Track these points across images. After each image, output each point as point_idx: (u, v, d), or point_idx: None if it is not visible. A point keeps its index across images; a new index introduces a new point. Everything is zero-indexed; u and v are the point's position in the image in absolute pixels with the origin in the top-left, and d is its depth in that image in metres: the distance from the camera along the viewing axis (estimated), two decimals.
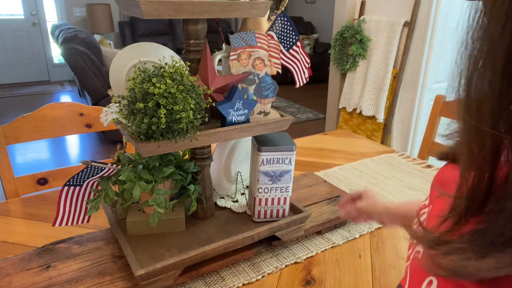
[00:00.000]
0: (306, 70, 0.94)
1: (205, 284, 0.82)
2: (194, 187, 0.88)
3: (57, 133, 1.32)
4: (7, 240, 0.96)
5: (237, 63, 0.82)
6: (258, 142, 0.86)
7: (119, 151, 0.87)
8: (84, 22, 5.55)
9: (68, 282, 0.80)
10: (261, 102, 0.85)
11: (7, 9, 5.32)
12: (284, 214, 0.93)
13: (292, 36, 0.89)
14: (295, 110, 4.81)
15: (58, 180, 1.33)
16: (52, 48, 5.71)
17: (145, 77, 0.70)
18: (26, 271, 0.83)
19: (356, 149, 1.57)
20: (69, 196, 0.81)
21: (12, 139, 1.23)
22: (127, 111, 0.71)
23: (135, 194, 0.78)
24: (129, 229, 0.87)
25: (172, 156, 0.88)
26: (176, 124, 0.69)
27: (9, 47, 5.44)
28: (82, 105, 1.36)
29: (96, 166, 0.79)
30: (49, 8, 5.57)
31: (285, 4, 0.86)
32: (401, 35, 2.60)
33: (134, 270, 0.74)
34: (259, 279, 0.84)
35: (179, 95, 0.68)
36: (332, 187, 1.18)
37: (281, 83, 1.10)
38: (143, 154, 0.71)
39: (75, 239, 0.93)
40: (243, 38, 0.82)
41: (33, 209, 1.10)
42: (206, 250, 0.81)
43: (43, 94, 5.25)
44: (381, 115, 2.73)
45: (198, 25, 0.79)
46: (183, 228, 0.90)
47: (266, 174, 0.87)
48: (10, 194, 1.23)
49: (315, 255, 0.92)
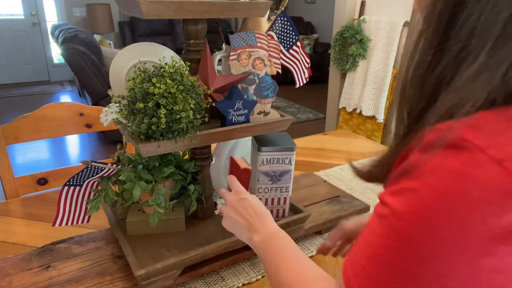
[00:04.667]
0: (306, 70, 0.94)
1: (205, 284, 0.82)
2: (194, 187, 0.88)
3: (57, 133, 1.32)
4: (7, 240, 0.96)
5: (237, 63, 0.82)
6: (258, 142, 0.86)
7: (119, 151, 0.87)
8: (84, 22, 5.55)
9: (68, 282, 0.79)
10: (261, 102, 0.85)
11: (7, 9, 5.32)
12: (284, 214, 0.93)
13: (292, 36, 0.89)
14: (295, 110, 4.81)
15: (58, 180, 1.33)
16: (52, 48, 5.70)
17: (145, 77, 0.70)
18: (26, 271, 0.83)
19: (356, 149, 1.57)
20: (69, 196, 0.81)
21: (12, 139, 1.23)
22: (127, 111, 0.71)
23: (135, 194, 0.78)
24: (129, 229, 0.87)
25: (172, 156, 0.88)
26: (176, 124, 0.69)
27: (9, 47, 5.44)
28: (82, 105, 1.36)
29: (96, 166, 0.79)
30: (49, 8, 5.57)
31: (285, 4, 0.86)
32: (401, 35, 2.60)
33: (134, 270, 0.74)
34: (259, 279, 0.84)
35: (179, 95, 0.68)
36: (332, 187, 1.17)
37: (281, 83, 1.10)
38: (143, 154, 0.71)
39: (75, 239, 0.93)
40: (243, 38, 0.82)
41: (33, 209, 1.10)
42: (206, 250, 0.80)
43: (43, 94, 5.25)
44: (381, 115, 2.73)
45: (198, 25, 0.79)
46: (183, 228, 0.90)
47: (266, 174, 0.87)
48: (10, 194, 1.23)
49: (315, 255, 0.92)
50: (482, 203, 0.29)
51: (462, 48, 0.34)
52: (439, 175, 0.32)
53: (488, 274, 0.30)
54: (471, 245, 0.30)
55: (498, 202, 0.29)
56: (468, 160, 0.31)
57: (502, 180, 0.29)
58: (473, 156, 0.30)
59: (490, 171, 0.30)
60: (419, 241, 0.32)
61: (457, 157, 0.31)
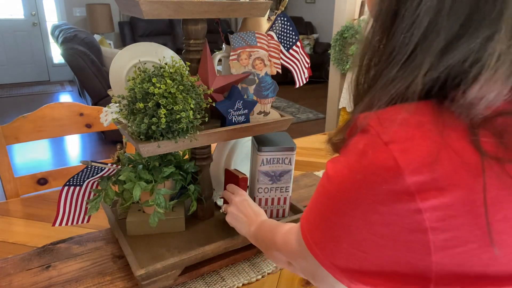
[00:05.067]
0: (306, 70, 0.94)
1: (205, 284, 0.82)
2: (194, 187, 0.88)
3: (57, 133, 1.32)
4: (7, 240, 0.96)
5: (237, 63, 0.82)
6: (258, 142, 0.86)
7: (119, 151, 0.87)
8: (84, 22, 5.55)
9: (68, 282, 0.80)
10: (261, 102, 0.85)
11: (7, 9, 5.32)
12: (284, 214, 0.93)
13: (292, 36, 0.89)
14: (295, 110, 4.81)
15: (58, 180, 1.33)
16: (52, 48, 5.70)
17: (145, 77, 0.70)
18: (26, 271, 0.83)
19: None
20: (69, 196, 0.81)
21: (12, 139, 1.23)
22: (127, 111, 0.71)
23: (135, 194, 0.78)
24: (129, 229, 0.87)
25: (172, 156, 0.88)
26: (176, 124, 0.69)
27: (9, 47, 5.44)
28: (82, 105, 1.36)
29: (96, 166, 0.79)
30: (49, 8, 5.57)
31: (285, 4, 0.86)
32: None
33: (134, 270, 0.74)
34: (259, 279, 0.84)
35: (179, 95, 0.68)
36: None
37: (281, 83, 1.10)
38: (143, 154, 0.71)
39: (75, 239, 0.93)
40: (243, 38, 0.82)
41: (33, 209, 1.10)
42: (206, 250, 0.81)
43: (43, 94, 5.25)
44: None
45: (198, 25, 0.79)
46: (183, 228, 0.90)
47: (266, 174, 0.87)
48: (10, 194, 1.23)
49: None
50: (373, 175, 0.39)
51: (386, 60, 0.43)
52: (352, 151, 0.42)
53: (376, 226, 0.40)
54: (365, 204, 0.40)
55: (381, 174, 0.38)
56: (368, 141, 0.40)
57: (386, 157, 0.38)
58: (371, 138, 0.40)
59: (380, 151, 0.39)
60: (339, 199, 0.43)
61: (363, 139, 0.41)
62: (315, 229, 0.47)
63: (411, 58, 0.41)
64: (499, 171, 0.36)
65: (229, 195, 0.84)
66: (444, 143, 0.37)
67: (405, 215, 0.38)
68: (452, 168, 0.36)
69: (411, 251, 0.39)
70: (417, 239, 0.38)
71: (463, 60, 0.38)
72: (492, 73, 0.37)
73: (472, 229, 0.36)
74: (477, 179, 0.36)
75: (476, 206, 0.36)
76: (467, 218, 0.36)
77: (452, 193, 0.36)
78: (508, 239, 0.37)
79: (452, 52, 0.39)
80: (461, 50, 0.38)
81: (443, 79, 0.40)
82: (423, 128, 0.39)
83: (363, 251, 0.42)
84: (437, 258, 0.38)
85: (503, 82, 0.38)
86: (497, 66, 0.37)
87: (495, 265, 0.37)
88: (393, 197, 0.38)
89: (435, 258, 0.38)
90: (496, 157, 0.36)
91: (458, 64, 0.39)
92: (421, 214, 0.37)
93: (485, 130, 0.37)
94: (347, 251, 0.43)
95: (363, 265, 0.43)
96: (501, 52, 0.37)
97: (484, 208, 0.36)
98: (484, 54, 0.37)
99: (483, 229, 0.36)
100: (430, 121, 0.39)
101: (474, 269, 0.38)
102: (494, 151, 0.36)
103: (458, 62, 0.39)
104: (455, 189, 0.36)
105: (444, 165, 0.36)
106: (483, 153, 0.36)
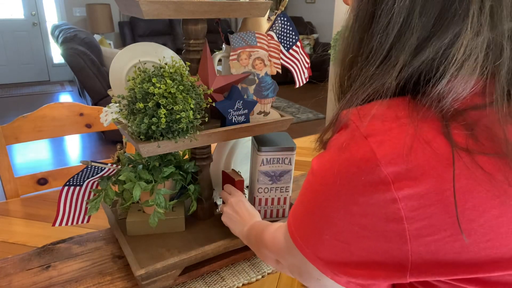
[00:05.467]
0: (306, 70, 0.94)
1: (205, 284, 0.82)
2: (194, 187, 0.88)
3: (57, 133, 1.32)
4: (7, 240, 0.96)
5: (237, 63, 0.82)
6: (258, 142, 0.86)
7: (119, 151, 0.87)
8: (84, 22, 5.55)
9: (68, 282, 0.80)
10: (261, 102, 0.85)
11: (7, 9, 5.32)
12: (284, 214, 0.93)
13: (292, 36, 0.89)
14: (295, 110, 4.81)
15: (58, 180, 1.33)
16: (52, 48, 5.70)
17: (145, 77, 0.70)
18: (26, 271, 0.83)
19: None
20: (69, 196, 0.81)
21: (12, 139, 1.23)
22: (127, 111, 0.71)
23: (135, 194, 0.78)
24: (129, 229, 0.87)
25: (172, 156, 0.88)
26: (176, 124, 0.69)
27: (9, 47, 5.44)
28: (82, 105, 1.36)
29: (96, 166, 0.79)
30: (49, 8, 5.57)
31: (285, 4, 0.86)
32: None
33: (134, 270, 0.74)
34: (259, 279, 0.84)
35: (179, 95, 0.68)
36: None
37: (281, 83, 1.10)
38: (143, 154, 0.71)
39: (75, 239, 0.93)
40: (243, 38, 0.82)
41: (33, 209, 1.10)
42: (206, 250, 0.81)
43: (43, 94, 5.25)
44: None
45: (198, 25, 0.79)
46: (183, 228, 0.90)
47: (266, 174, 0.87)
48: (10, 194, 1.23)
49: None
50: (353, 167, 0.40)
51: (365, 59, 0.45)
52: (334, 146, 0.43)
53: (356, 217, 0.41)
54: (346, 196, 0.41)
55: (360, 166, 0.40)
56: (349, 135, 0.42)
57: (365, 150, 0.39)
58: (352, 132, 0.41)
59: (359, 144, 0.40)
60: (322, 192, 0.44)
61: (345, 133, 0.43)
62: (300, 222, 0.49)
63: (388, 57, 0.42)
64: (468, 161, 0.37)
65: (226, 195, 0.86)
66: (418, 135, 0.39)
67: (382, 205, 0.39)
68: (425, 159, 0.38)
69: (388, 241, 0.40)
70: (394, 229, 0.39)
71: (434, 56, 0.40)
72: (458, 66, 0.39)
73: (444, 217, 0.38)
74: (448, 169, 0.37)
75: (447, 195, 0.37)
76: (439, 207, 0.37)
77: (424, 183, 0.37)
78: (477, 227, 0.38)
79: (425, 50, 0.40)
80: (433, 47, 0.40)
81: (417, 75, 0.42)
82: (399, 121, 0.40)
83: (345, 242, 0.43)
84: (413, 247, 0.39)
85: (469, 75, 0.39)
86: (463, 60, 0.39)
87: (467, 252, 0.38)
88: (371, 188, 0.39)
89: (411, 246, 0.39)
90: (467, 148, 0.38)
91: (430, 61, 0.40)
92: (396, 203, 0.38)
93: (457, 122, 0.39)
94: (330, 242, 0.44)
95: (345, 256, 0.44)
96: (467, 46, 0.38)
97: (454, 197, 0.37)
98: (452, 49, 0.39)
99: (453, 218, 0.37)
100: (405, 115, 0.41)
101: (447, 257, 0.39)
102: (464, 143, 0.38)
103: (430, 59, 0.40)
104: (428, 179, 0.37)
105: (418, 156, 0.38)
106: (454, 145, 0.38)
